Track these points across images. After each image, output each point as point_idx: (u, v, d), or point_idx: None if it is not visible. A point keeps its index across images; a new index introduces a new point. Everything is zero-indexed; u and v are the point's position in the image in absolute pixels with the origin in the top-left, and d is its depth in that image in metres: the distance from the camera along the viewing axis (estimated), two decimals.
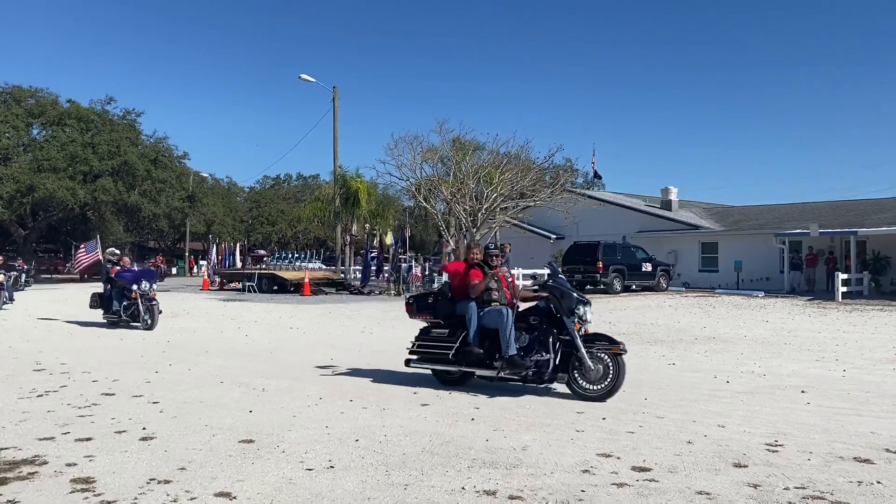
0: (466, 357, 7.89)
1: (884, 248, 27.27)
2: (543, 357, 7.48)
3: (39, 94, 41.67)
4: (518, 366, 7.53)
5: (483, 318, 7.89)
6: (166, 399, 7.43)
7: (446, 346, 8.02)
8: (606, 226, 33.93)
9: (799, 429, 6.17)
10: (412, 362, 8.37)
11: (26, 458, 5.15)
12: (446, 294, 8.38)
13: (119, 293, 15.15)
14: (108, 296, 15.42)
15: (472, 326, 7.88)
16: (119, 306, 15.03)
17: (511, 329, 7.62)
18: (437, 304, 8.41)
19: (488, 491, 4.47)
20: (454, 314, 8.17)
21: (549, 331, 7.62)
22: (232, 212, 62.82)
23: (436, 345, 8.15)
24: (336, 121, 33.63)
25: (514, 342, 7.59)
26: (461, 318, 8.06)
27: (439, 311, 8.34)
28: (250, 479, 4.71)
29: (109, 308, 15.26)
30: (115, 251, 17.92)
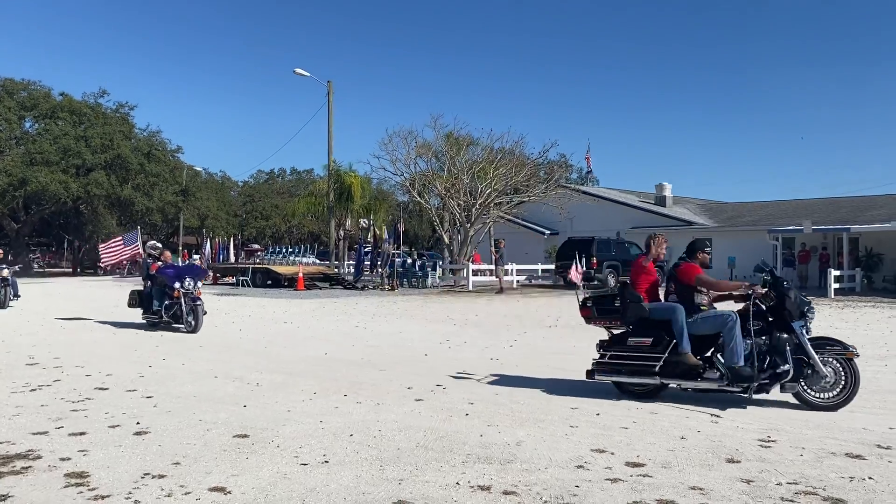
0: (675, 369, 7.01)
1: (876, 244, 27.40)
2: (782, 368, 6.76)
3: (32, 87, 41.44)
4: (746, 377, 6.76)
5: (697, 325, 7.10)
6: (160, 393, 7.42)
7: (652, 356, 7.08)
8: (600, 222, 33.98)
9: (791, 424, 6.20)
10: (598, 373, 7.41)
11: (20, 453, 5.14)
12: (637, 296, 7.40)
13: (160, 291, 13.93)
14: (147, 294, 14.30)
15: (685, 334, 7.00)
16: (160, 306, 13.78)
17: (739, 336, 6.83)
18: (627, 307, 7.37)
19: (483, 486, 4.48)
20: (648, 320, 7.27)
21: (781, 337, 6.87)
22: (226, 206, 62.58)
23: (637, 355, 7.16)
24: (330, 115, 33.55)
25: (742, 351, 6.84)
26: (659, 323, 7.19)
27: (630, 315, 7.35)
28: (245, 473, 4.72)
29: (149, 307, 14.07)
30: (157, 245, 16.49)
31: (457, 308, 19.29)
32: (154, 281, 14.12)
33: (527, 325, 14.90)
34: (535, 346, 11.63)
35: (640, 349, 7.18)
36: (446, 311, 18.47)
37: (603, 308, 7.59)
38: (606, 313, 7.55)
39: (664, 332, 7.13)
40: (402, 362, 9.86)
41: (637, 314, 7.30)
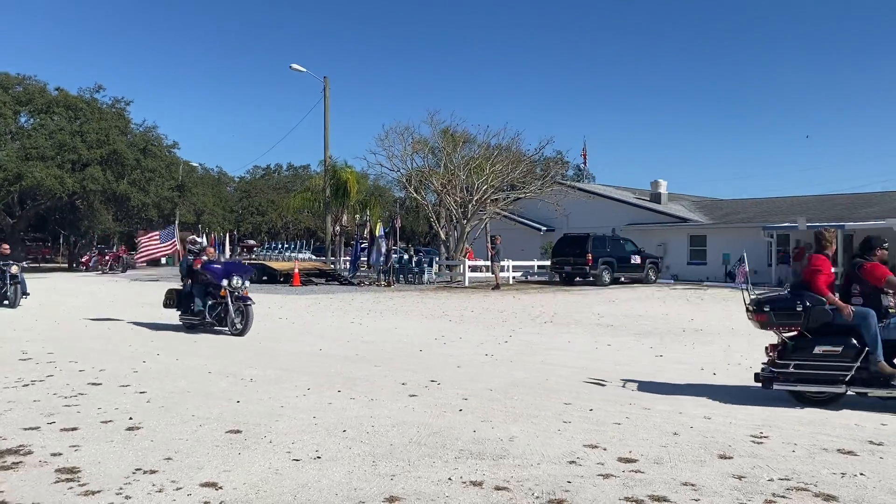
0: (866, 377, 6.61)
1: None
2: None
3: (27, 82, 41.27)
4: None
5: (890, 330, 6.68)
6: (153, 389, 7.40)
7: (843, 365, 6.63)
8: (596, 218, 33.97)
9: (784, 421, 6.22)
10: (780, 382, 6.86)
11: (11, 448, 5.12)
12: (820, 300, 6.82)
13: (202, 289, 12.67)
14: (187, 292, 12.97)
15: (879, 341, 6.56)
16: (203, 306, 12.58)
17: None
18: (811, 311, 6.79)
19: (475, 482, 4.48)
20: (832, 325, 6.79)
21: None
22: (222, 202, 62.54)
23: (825, 363, 6.69)
24: (326, 111, 33.51)
25: None
26: (844, 328, 6.74)
27: (813, 320, 6.81)
28: (237, 469, 4.71)
29: (189, 308, 12.81)
30: (197, 239, 15.35)
31: (452, 304, 19.29)
32: (195, 278, 12.83)
33: (522, 322, 14.91)
34: (530, 343, 11.63)
35: (828, 357, 6.69)
36: (442, 307, 18.47)
37: (783, 311, 6.95)
38: (787, 318, 6.91)
39: (854, 339, 6.69)
40: (397, 358, 9.85)
41: (821, 319, 6.78)
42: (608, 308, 18.04)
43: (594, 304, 19.00)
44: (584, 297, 21.59)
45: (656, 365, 9.53)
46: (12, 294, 17.00)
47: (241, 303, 12.21)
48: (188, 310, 12.83)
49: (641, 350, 10.96)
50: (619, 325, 14.36)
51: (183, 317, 13.00)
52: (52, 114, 39.71)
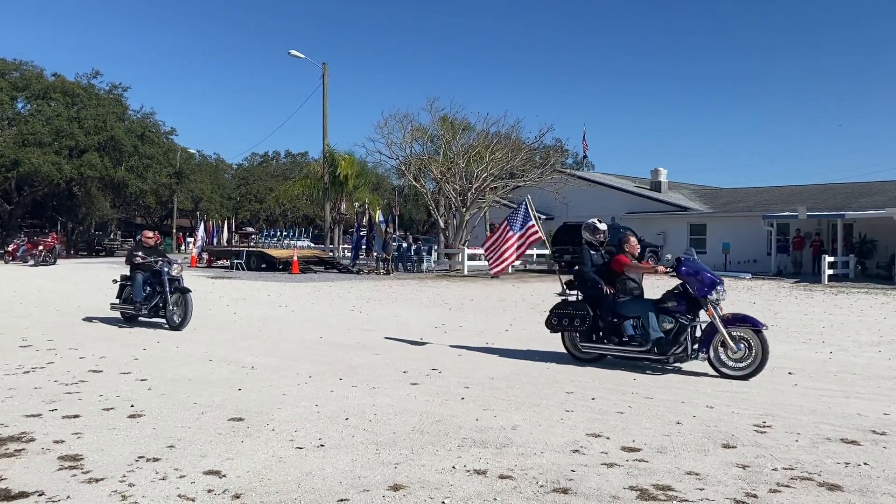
0: None
1: (870, 231, 27.45)
2: None
3: (24, 67, 41.05)
4: None
5: None
6: (154, 376, 7.39)
7: None
8: (596, 207, 33.80)
9: (786, 410, 6.21)
10: None
11: (13, 435, 5.11)
12: None
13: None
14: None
15: None
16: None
17: None
18: None
19: (478, 470, 4.47)
20: None
21: None
22: (220, 189, 62.39)
23: None
24: (325, 98, 33.39)
25: None
26: None
27: None
28: (240, 457, 4.70)
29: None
30: None
31: (452, 292, 19.28)
32: None
33: (522, 310, 14.90)
34: (531, 331, 11.62)
35: None
36: (441, 295, 18.46)
37: None
38: None
39: None
40: (398, 346, 9.84)
41: None
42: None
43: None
44: None
45: None
46: (180, 309, 11.26)
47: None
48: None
49: None
50: None
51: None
52: (49, 99, 39.52)
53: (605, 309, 8.27)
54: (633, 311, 8.11)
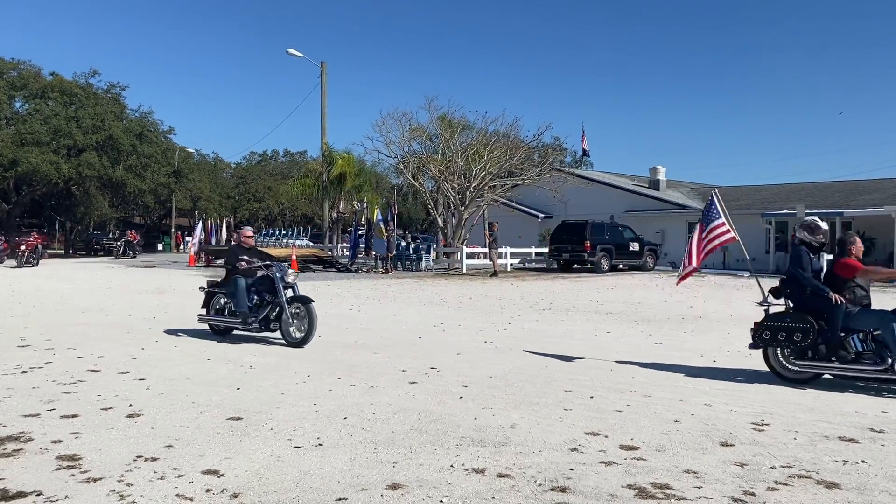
0: None
1: (869, 229, 27.47)
2: None
3: (22, 67, 40.97)
4: None
5: None
6: (153, 376, 7.39)
7: None
8: (594, 205, 33.96)
9: (785, 408, 6.22)
10: None
11: (11, 435, 5.11)
12: None
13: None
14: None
15: None
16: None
17: None
18: None
19: (477, 469, 4.47)
20: None
21: None
22: (218, 188, 62.32)
23: None
24: (324, 96, 33.36)
25: None
26: None
27: None
28: (238, 456, 4.70)
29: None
30: None
31: (451, 291, 19.28)
32: None
33: (521, 309, 14.90)
34: (530, 330, 11.62)
35: None
36: (440, 294, 18.45)
37: None
38: None
39: None
40: (396, 345, 9.84)
41: None
42: (607, 295, 18.04)
43: (593, 291, 19.00)
44: (582, 284, 21.59)
45: (656, 352, 9.53)
46: (301, 322, 9.67)
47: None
48: None
49: (641, 337, 10.96)
50: (619, 312, 14.36)
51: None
52: (48, 99, 39.47)
53: (834, 321, 7.05)
54: (869, 324, 7.04)
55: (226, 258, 10.63)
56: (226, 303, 10.33)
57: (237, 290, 9.93)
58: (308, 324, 9.54)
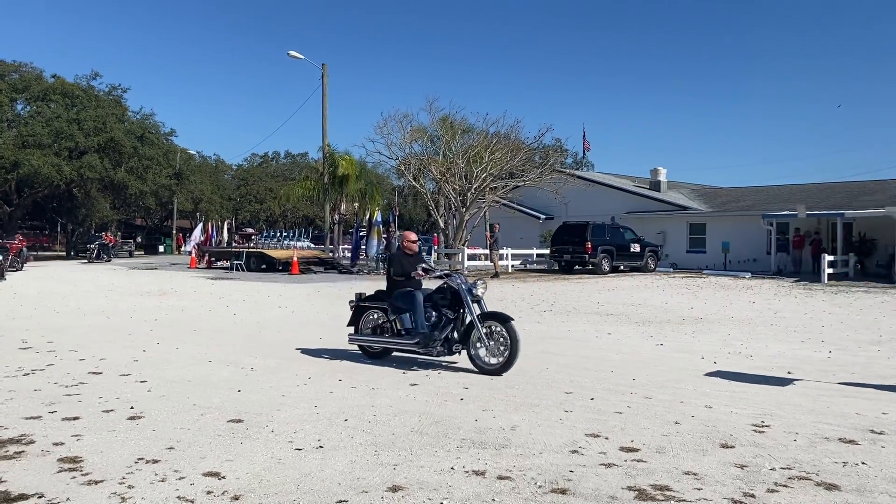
0: None
1: (870, 230, 27.45)
2: None
3: (23, 69, 41.08)
4: None
5: None
6: (154, 378, 7.40)
7: None
8: (595, 206, 33.93)
9: (785, 409, 6.22)
10: None
11: (13, 438, 5.12)
12: None
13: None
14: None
15: None
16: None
17: None
18: None
19: (477, 471, 4.48)
20: None
21: None
22: (220, 190, 62.41)
23: None
24: (325, 98, 33.38)
25: None
26: None
27: None
28: (239, 458, 4.71)
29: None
30: None
31: None
32: None
33: (522, 310, 14.89)
34: (530, 331, 11.62)
35: None
36: None
37: None
38: None
39: None
40: None
41: None
42: (608, 296, 18.04)
43: (594, 293, 19.00)
44: (583, 286, 21.59)
45: (657, 353, 9.53)
46: (499, 344, 7.89)
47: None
48: None
49: (642, 338, 10.97)
50: (619, 313, 14.36)
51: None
52: (49, 101, 39.52)
53: None
54: None
55: (388, 268, 8.91)
56: (384, 321, 8.64)
57: (414, 305, 8.19)
58: (509, 346, 7.74)
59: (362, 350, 8.89)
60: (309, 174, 41.96)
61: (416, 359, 8.57)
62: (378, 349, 8.76)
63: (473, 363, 7.92)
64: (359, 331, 8.90)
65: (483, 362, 7.87)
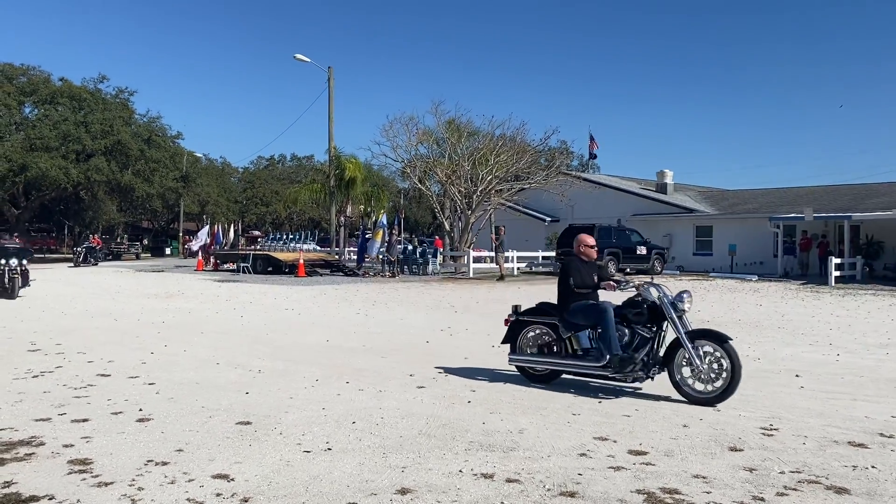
0: None
1: (877, 232, 27.36)
2: None
3: (31, 72, 41.31)
4: None
5: None
6: (162, 380, 7.42)
7: None
8: (601, 209, 33.90)
9: (793, 413, 6.21)
10: None
11: (23, 440, 5.14)
12: None
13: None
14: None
15: None
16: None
17: None
18: None
19: (485, 474, 4.48)
20: None
21: None
22: (226, 192, 62.55)
23: None
24: (331, 101, 33.39)
25: None
26: None
27: None
28: (248, 460, 4.72)
29: None
30: None
31: (458, 295, 19.29)
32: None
33: None
34: None
35: None
36: (447, 298, 18.47)
37: None
38: None
39: None
40: (404, 349, 9.86)
41: None
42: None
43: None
44: None
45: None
46: (715, 366, 6.58)
47: None
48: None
49: None
50: None
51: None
52: (57, 104, 39.74)
53: None
54: None
55: (561, 278, 7.48)
56: (551, 338, 7.40)
57: (605, 321, 6.94)
58: (729, 372, 6.45)
59: (521, 371, 7.63)
60: (315, 178, 42.05)
61: (590, 383, 7.39)
62: (543, 371, 7.48)
63: (679, 390, 6.67)
64: (517, 349, 7.67)
65: (691, 389, 6.63)
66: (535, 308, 7.83)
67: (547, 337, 7.51)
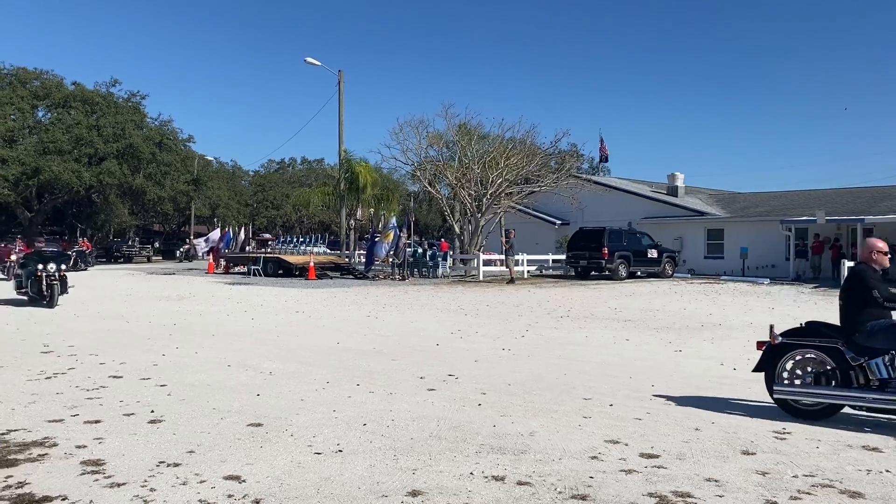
0: None
1: (891, 235, 27.06)
2: None
3: (45, 76, 41.68)
4: None
5: None
6: (174, 382, 7.45)
7: None
8: (612, 212, 33.80)
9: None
10: None
11: (36, 440, 5.17)
12: None
13: None
14: None
15: None
16: None
17: None
18: None
19: (497, 476, 4.47)
20: None
21: None
22: (237, 195, 62.84)
23: None
24: (341, 104, 33.52)
25: None
26: None
27: None
28: (259, 462, 4.73)
29: None
30: None
31: (468, 298, 19.27)
32: None
33: (538, 316, 14.87)
34: (547, 337, 11.60)
35: None
36: (457, 301, 18.46)
37: None
38: None
39: None
40: (414, 352, 9.86)
41: None
42: (625, 302, 17.95)
43: (611, 299, 18.91)
44: (600, 292, 21.51)
45: (675, 360, 9.47)
46: None
47: None
48: None
49: (660, 345, 10.90)
50: (637, 319, 14.29)
51: None
52: (69, 108, 40.08)
53: None
54: None
55: (849, 292, 6.48)
56: (830, 366, 6.10)
57: None
58: None
59: (781, 405, 6.25)
60: (326, 181, 42.17)
61: (879, 418, 6.06)
62: (816, 406, 6.09)
63: None
64: (777, 378, 6.32)
65: None
66: (806, 328, 6.52)
67: (825, 364, 6.16)
